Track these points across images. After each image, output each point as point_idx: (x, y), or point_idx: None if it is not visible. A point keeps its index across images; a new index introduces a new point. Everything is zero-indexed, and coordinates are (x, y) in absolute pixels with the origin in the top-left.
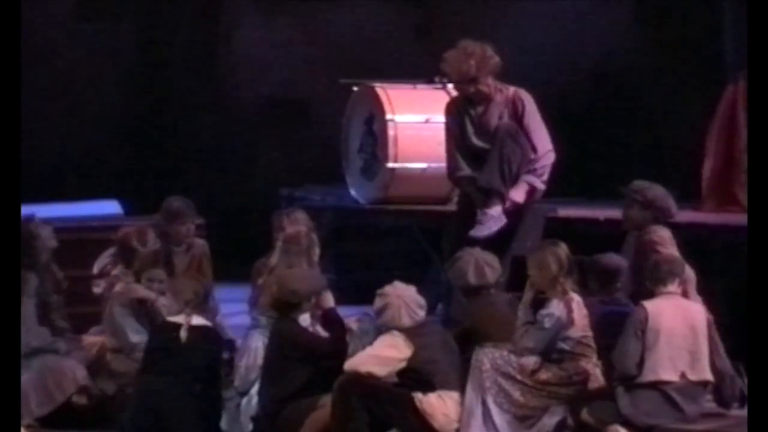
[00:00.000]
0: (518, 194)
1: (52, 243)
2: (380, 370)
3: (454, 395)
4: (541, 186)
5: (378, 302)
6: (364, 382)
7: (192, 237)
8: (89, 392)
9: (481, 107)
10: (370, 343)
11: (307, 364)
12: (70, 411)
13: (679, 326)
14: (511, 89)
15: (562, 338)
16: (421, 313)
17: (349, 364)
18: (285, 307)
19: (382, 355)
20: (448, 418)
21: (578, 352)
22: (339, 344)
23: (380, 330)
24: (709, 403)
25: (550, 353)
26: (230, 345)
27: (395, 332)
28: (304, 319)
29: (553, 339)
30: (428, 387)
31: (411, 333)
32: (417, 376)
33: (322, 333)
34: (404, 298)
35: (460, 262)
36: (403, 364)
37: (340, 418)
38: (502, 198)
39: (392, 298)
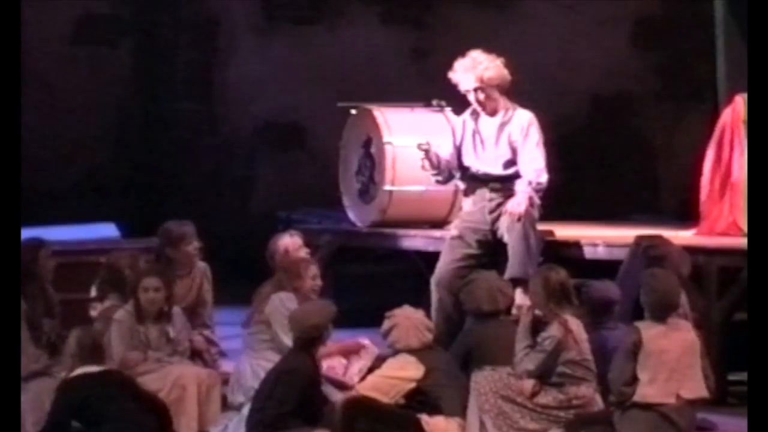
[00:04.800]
0: (519, 205)
1: (46, 271)
2: (389, 391)
3: (459, 421)
4: (537, 201)
5: (386, 323)
6: (370, 404)
7: (198, 256)
8: None
9: (483, 123)
10: (364, 366)
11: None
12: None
13: (672, 348)
14: (517, 109)
15: (563, 361)
16: (430, 336)
17: (359, 388)
18: (310, 343)
19: (391, 376)
20: None
21: (579, 376)
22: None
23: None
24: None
25: (550, 376)
26: None
27: (406, 354)
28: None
29: (553, 362)
30: (435, 410)
31: (420, 355)
32: (424, 399)
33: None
34: (413, 319)
35: (472, 286)
36: (413, 385)
37: None
38: None
39: (400, 319)
